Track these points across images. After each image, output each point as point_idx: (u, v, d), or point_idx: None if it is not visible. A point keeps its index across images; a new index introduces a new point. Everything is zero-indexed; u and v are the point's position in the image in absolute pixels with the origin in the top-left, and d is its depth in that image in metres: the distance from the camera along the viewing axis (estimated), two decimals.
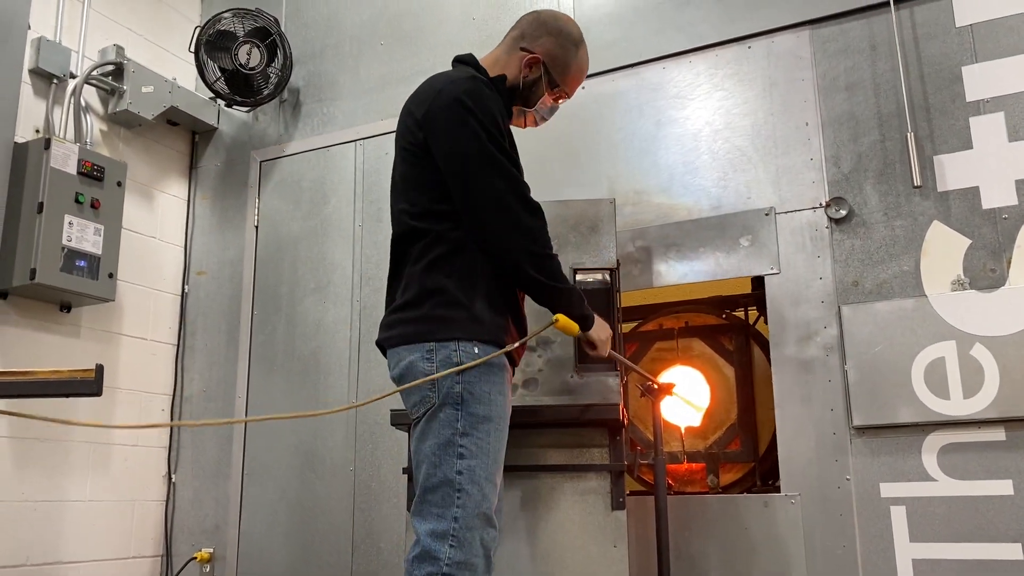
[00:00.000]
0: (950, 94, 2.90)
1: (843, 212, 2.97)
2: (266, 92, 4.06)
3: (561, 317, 2.10)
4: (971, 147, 2.84)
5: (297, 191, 4.11)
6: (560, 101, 2.35)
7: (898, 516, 2.72)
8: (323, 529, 3.65)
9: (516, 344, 2.06)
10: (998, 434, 2.64)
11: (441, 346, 1.97)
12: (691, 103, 3.31)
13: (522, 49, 2.24)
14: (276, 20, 4.06)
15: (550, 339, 2.81)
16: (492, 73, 2.23)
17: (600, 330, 2.23)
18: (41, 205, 3.38)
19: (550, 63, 2.24)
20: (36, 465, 3.48)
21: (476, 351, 1.98)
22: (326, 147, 4.09)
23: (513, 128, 2.27)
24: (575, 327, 2.15)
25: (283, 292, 4.02)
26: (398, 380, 2.05)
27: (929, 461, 2.71)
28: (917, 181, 2.86)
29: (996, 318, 2.68)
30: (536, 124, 2.37)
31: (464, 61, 2.26)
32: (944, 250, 2.81)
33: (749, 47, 3.25)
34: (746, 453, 3.26)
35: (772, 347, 3.02)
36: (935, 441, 2.71)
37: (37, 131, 3.62)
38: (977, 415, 2.65)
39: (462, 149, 2.00)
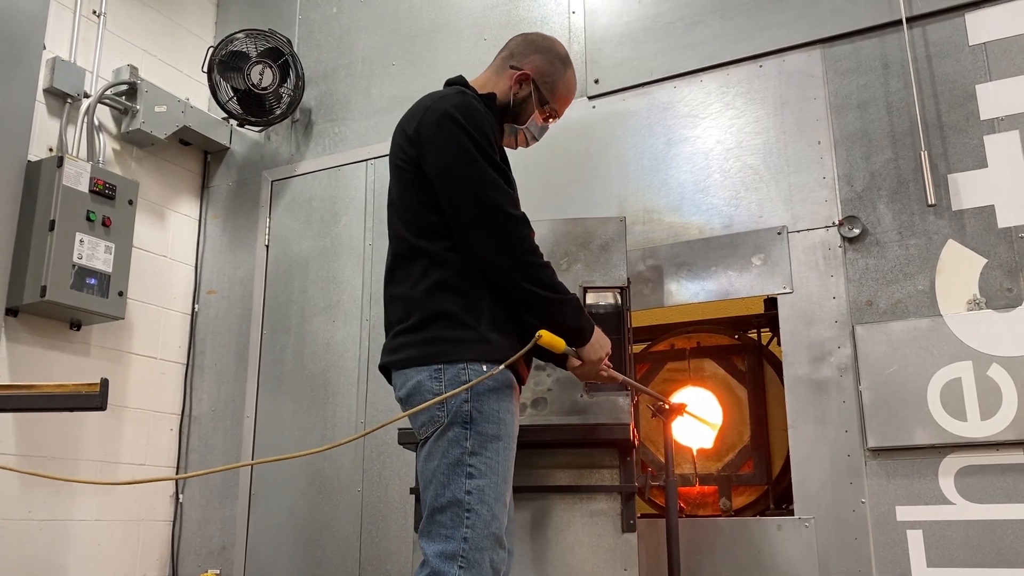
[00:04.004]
0: (964, 112, 2.88)
1: (856, 231, 2.94)
2: (278, 112, 4.08)
3: (544, 333, 1.99)
4: (986, 165, 2.81)
5: (308, 210, 4.11)
6: (550, 121, 2.35)
7: (915, 540, 2.66)
8: (330, 550, 3.61)
9: (506, 362, 1.99)
10: (1017, 457, 2.58)
11: (450, 366, 1.97)
12: (702, 122, 3.30)
13: (511, 67, 2.26)
14: (289, 40, 4.08)
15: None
16: (482, 92, 2.23)
17: (594, 349, 2.12)
18: (53, 223, 3.39)
19: (539, 80, 2.25)
20: (43, 483, 3.46)
21: (485, 370, 1.96)
22: (337, 167, 4.09)
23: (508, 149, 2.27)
24: (560, 343, 2.02)
25: (293, 311, 4.01)
26: (405, 400, 2.05)
27: (946, 484, 2.65)
28: (931, 200, 2.83)
29: (1013, 338, 2.63)
30: (527, 144, 2.35)
31: (454, 83, 2.27)
32: (959, 269, 2.77)
33: (760, 66, 3.24)
34: (759, 475, 3.21)
35: (785, 367, 2.98)
36: (952, 464, 2.66)
37: (50, 150, 3.64)
38: (995, 437, 2.60)
39: (452, 163, 2.00)
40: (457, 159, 2.00)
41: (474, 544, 1.89)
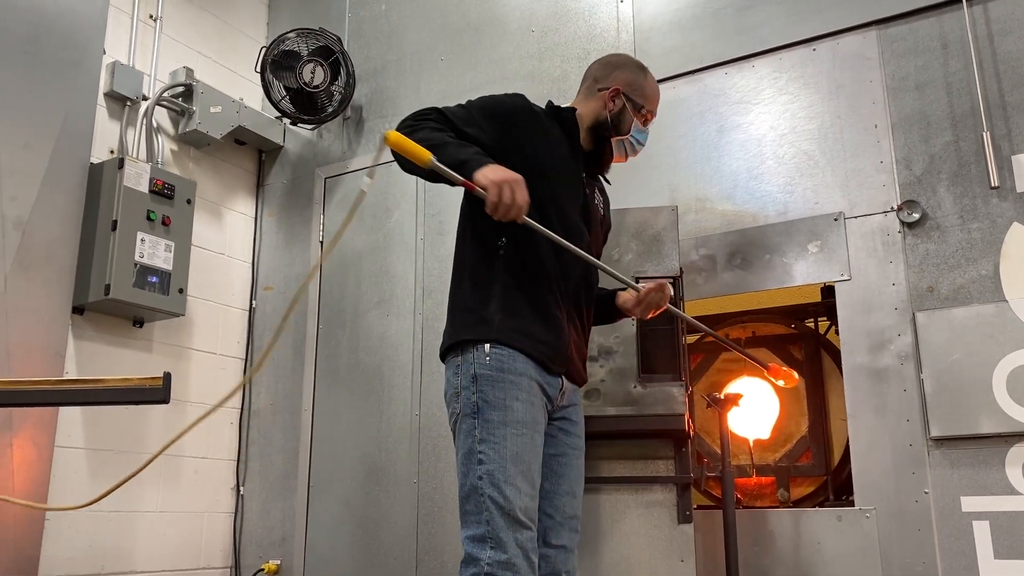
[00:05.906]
0: None
1: (916, 215, 2.87)
2: (330, 110, 4.13)
3: (392, 133, 1.88)
4: None
5: (361, 206, 4.14)
6: (646, 124, 2.46)
7: (981, 532, 2.59)
8: (387, 542, 3.65)
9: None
10: None
11: (464, 360, 2.10)
12: (754, 108, 3.25)
13: (600, 89, 2.39)
14: (339, 39, 4.13)
15: (612, 349, 2.77)
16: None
17: (492, 172, 1.93)
18: (115, 223, 3.49)
19: (629, 90, 2.39)
20: (110, 476, 3.56)
21: (487, 348, 2.07)
22: (389, 162, 4.10)
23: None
24: (423, 153, 1.86)
25: (347, 306, 4.06)
26: (444, 395, 2.21)
27: (1014, 474, 2.58)
28: (994, 182, 2.74)
29: None
30: (635, 153, 2.46)
31: None
32: None
33: (814, 49, 3.18)
34: (818, 466, 3.17)
35: (844, 356, 2.92)
36: (1020, 453, 2.58)
37: (111, 152, 3.74)
38: None
39: None
40: None
41: (496, 525, 1.98)
